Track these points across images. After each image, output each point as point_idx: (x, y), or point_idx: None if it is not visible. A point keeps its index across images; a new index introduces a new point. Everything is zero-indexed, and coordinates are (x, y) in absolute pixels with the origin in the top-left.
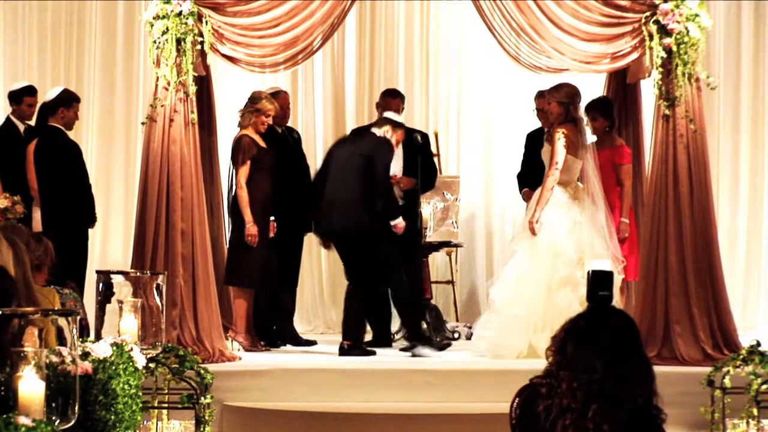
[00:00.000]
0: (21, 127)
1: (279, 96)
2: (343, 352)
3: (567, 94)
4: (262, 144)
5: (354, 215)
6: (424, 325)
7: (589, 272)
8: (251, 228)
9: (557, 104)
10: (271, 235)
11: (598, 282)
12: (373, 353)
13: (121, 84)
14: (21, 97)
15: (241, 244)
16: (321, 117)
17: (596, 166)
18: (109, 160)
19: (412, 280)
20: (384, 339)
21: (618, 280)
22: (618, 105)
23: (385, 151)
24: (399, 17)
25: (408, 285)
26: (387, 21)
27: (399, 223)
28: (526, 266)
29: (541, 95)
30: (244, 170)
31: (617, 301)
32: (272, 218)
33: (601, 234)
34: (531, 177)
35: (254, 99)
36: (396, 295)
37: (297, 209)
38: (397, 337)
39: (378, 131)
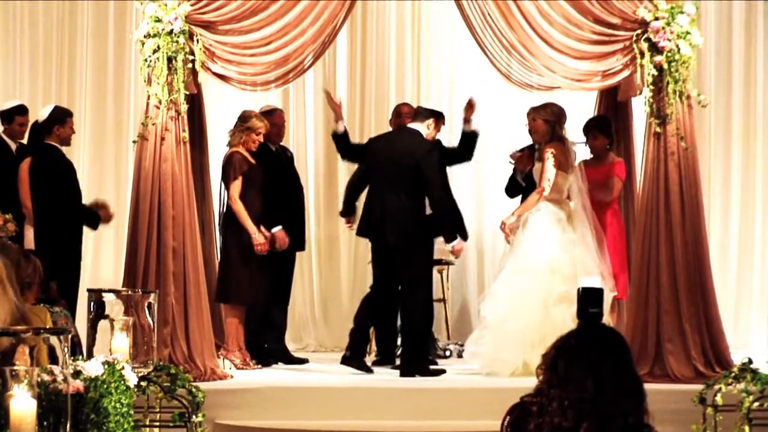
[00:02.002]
0: (12, 146)
1: (274, 114)
2: (345, 361)
3: (553, 112)
4: (253, 161)
5: (407, 229)
6: None
7: (579, 290)
8: (257, 237)
9: (543, 122)
10: (279, 245)
11: (589, 299)
12: (371, 371)
13: (112, 102)
14: (12, 116)
15: (232, 261)
16: (312, 135)
17: (584, 185)
18: (100, 179)
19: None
20: (390, 357)
21: (609, 297)
22: None
23: (432, 162)
24: (390, 36)
25: (424, 308)
26: (378, 39)
27: (457, 244)
28: (519, 282)
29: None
30: (237, 185)
31: (607, 319)
32: (280, 228)
33: (591, 252)
34: (518, 193)
35: (244, 118)
36: (411, 316)
37: (289, 227)
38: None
39: (421, 126)
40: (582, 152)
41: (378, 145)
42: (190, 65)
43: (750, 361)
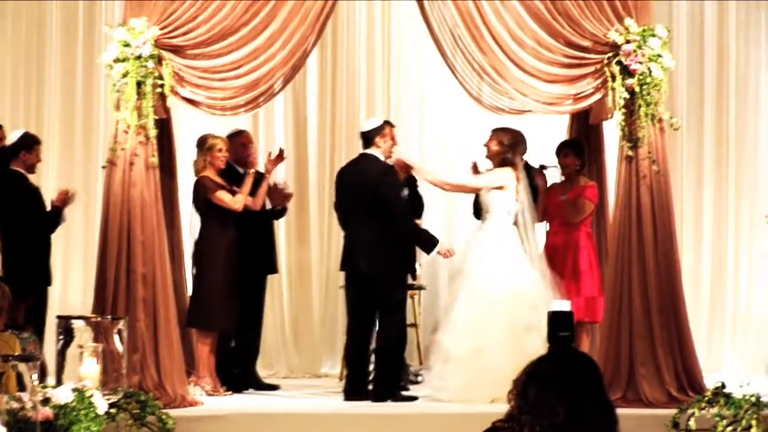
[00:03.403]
0: None
1: (241, 135)
2: (348, 396)
3: (512, 138)
4: (223, 184)
5: (380, 256)
6: None
7: (549, 313)
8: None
9: (498, 143)
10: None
11: (558, 322)
12: (384, 399)
13: (81, 127)
14: None
15: (204, 287)
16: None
17: (533, 213)
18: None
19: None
20: (361, 385)
21: None
22: None
23: (389, 183)
24: (360, 59)
25: (400, 334)
26: (348, 63)
27: (441, 248)
28: (479, 311)
29: None
30: (223, 194)
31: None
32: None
33: (544, 277)
34: None
35: (201, 142)
36: (387, 341)
37: (260, 251)
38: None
39: (373, 150)
40: (554, 176)
41: (343, 174)
42: (159, 90)
43: (723, 386)
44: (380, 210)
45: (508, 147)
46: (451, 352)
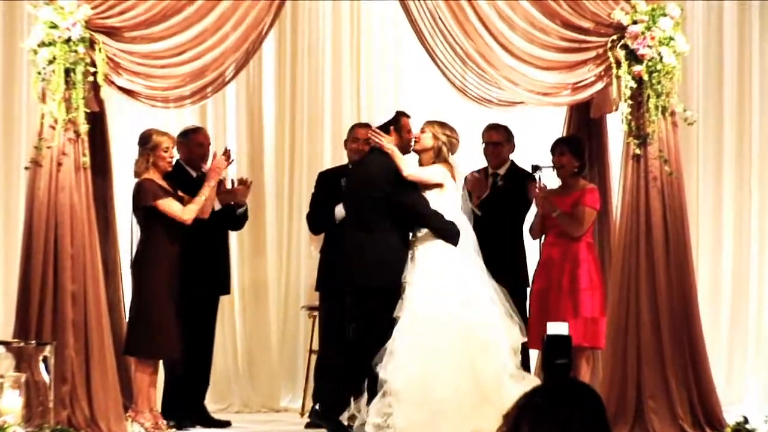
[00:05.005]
0: None
1: (198, 133)
2: (317, 416)
3: (451, 137)
4: (169, 188)
5: (383, 269)
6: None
7: (545, 337)
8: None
9: (433, 137)
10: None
11: (555, 348)
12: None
13: (1, 122)
14: None
15: (144, 307)
16: (235, 159)
17: (469, 216)
18: None
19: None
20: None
21: (517, 345)
22: None
23: (407, 184)
24: (325, 43)
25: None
26: (311, 47)
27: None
28: (422, 335)
29: (492, 128)
30: (168, 202)
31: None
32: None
33: (492, 289)
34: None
35: (144, 138)
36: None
37: (212, 266)
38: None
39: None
40: (549, 179)
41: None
42: (91, 78)
43: (745, 420)
44: (387, 218)
45: (443, 144)
46: (394, 387)
